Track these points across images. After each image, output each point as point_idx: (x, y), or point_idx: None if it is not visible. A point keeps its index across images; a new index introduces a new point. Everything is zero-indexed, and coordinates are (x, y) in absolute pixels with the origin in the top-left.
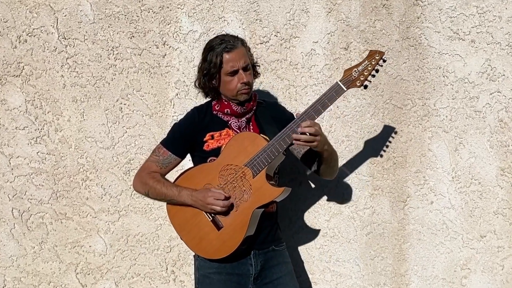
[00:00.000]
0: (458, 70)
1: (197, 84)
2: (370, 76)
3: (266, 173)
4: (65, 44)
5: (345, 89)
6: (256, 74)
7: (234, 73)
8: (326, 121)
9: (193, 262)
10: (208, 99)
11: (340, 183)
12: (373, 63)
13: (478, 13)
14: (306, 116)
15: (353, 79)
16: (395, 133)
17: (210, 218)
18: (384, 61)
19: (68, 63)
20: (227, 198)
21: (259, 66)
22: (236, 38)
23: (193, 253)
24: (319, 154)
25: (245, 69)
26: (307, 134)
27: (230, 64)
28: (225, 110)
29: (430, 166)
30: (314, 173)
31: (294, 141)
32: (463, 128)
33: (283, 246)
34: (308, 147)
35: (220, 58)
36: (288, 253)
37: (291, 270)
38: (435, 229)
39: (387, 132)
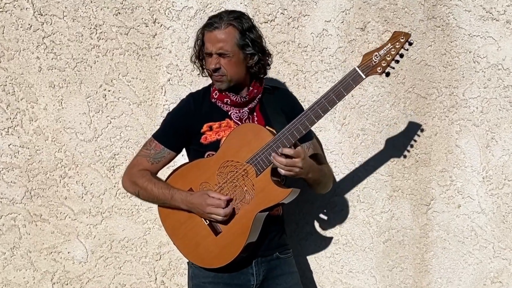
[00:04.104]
0: (491, 55)
1: (192, 59)
2: (393, 62)
3: (272, 169)
4: (42, 22)
5: (364, 76)
6: (263, 63)
7: (208, 55)
8: (339, 112)
9: (185, 271)
10: (205, 82)
11: (355, 184)
12: (397, 46)
13: None
14: (317, 107)
15: (374, 65)
16: (418, 126)
17: (207, 222)
18: (410, 44)
19: (44, 43)
20: (228, 203)
21: (270, 55)
22: (225, 17)
23: (187, 261)
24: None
25: (221, 55)
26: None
27: (206, 45)
28: (224, 100)
29: (457, 165)
30: None
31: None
32: (495, 122)
33: (289, 253)
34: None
35: (200, 36)
36: (294, 261)
37: (297, 282)
38: (463, 237)
39: (409, 125)
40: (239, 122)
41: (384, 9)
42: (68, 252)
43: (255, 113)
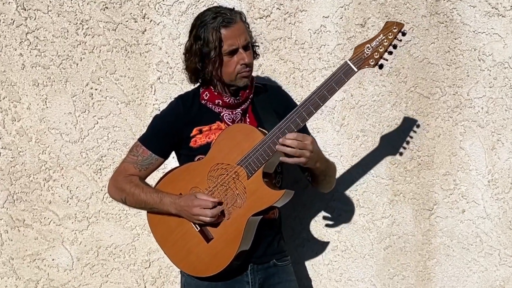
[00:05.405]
0: (497, 53)
1: (189, 70)
2: (386, 53)
3: (264, 171)
4: (25, 17)
5: (356, 69)
6: (255, 56)
7: (233, 52)
8: (338, 113)
9: (177, 280)
10: (194, 86)
11: (354, 187)
12: (389, 37)
13: None
14: (309, 104)
15: (366, 57)
16: (421, 127)
17: (198, 228)
18: (404, 34)
19: (28, 39)
20: (216, 205)
21: (258, 46)
22: (232, 10)
23: (178, 269)
24: (310, 169)
25: (245, 48)
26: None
27: (228, 42)
28: (216, 101)
29: (461, 168)
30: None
31: (278, 150)
32: (502, 122)
33: (287, 260)
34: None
35: (218, 35)
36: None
37: None
38: (467, 243)
39: (411, 126)
40: (231, 124)
41: (385, 4)
42: (53, 259)
43: (247, 115)
